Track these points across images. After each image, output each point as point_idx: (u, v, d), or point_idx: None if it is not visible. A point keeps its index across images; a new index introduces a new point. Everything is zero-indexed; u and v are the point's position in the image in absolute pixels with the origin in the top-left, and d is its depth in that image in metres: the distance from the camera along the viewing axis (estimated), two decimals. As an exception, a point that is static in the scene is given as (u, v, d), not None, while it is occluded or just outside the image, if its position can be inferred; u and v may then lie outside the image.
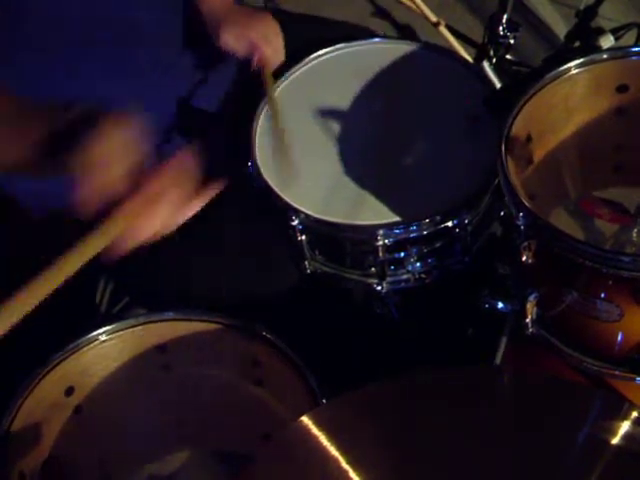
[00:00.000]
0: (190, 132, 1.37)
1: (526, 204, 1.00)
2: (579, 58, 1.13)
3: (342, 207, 1.21)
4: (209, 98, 1.41)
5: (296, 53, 1.41)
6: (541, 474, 0.83)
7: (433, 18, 2.03)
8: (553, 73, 1.12)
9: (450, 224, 1.19)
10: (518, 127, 1.09)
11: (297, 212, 1.21)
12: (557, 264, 1.03)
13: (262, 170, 1.26)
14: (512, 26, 1.24)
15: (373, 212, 1.20)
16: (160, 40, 1.30)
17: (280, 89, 1.38)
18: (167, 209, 0.97)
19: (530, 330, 1.12)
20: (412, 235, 1.19)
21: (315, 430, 0.86)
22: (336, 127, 1.32)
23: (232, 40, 1.34)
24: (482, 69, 1.25)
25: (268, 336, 1.14)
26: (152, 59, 1.28)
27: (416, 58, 1.40)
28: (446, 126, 1.30)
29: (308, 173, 1.27)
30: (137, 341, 1.19)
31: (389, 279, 1.24)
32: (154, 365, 1.22)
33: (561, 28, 2.12)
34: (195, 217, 1.30)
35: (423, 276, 1.25)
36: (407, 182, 1.25)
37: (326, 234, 1.23)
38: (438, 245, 1.22)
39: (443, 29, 2.00)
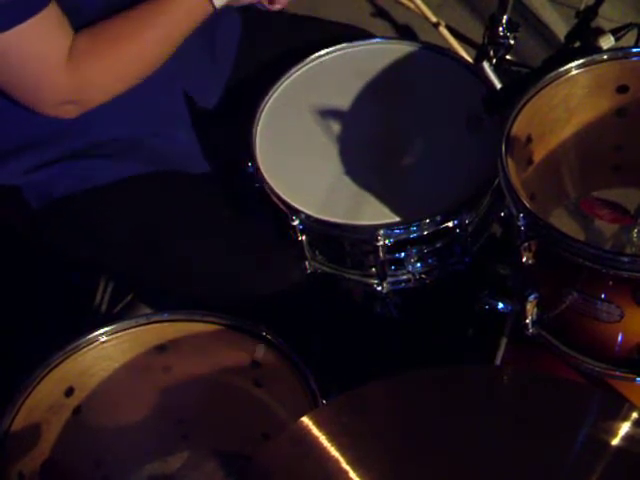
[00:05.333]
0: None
1: (526, 204, 1.00)
2: (579, 59, 1.13)
3: (342, 207, 1.21)
4: (209, 93, 1.42)
5: (296, 53, 1.41)
6: (541, 474, 0.83)
7: (433, 18, 2.03)
8: (553, 74, 1.12)
9: (450, 224, 1.19)
10: (518, 127, 1.09)
11: (297, 212, 1.21)
12: (557, 265, 1.03)
13: (262, 170, 1.26)
14: (512, 26, 1.24)
15: (373, 212, 1.20)
16: None
17: (281, 89, 1.38)
18: None
19: (530, 330, 1.12)
20: (412, 235, 1.19)
21: (315, 431, 0.86)
22: (337, 127, 1.32)
23: None
24: (482, 70, 1.25)
25: (268, 336, 1.14)
26: None
27: (416, 58, 1.40)
28: (446, 126, 1.30)
29: (308, 173, 1.27)
30: (137, 342, 1.19)
31: (389, 279, 1.24)
32: (154, 365, 1.22)
33: (561, 28, 2.12)
34: (195, 217, 1.32)
35: (423, 276, 1.25)
36: (407, 182, 1.25)
37: (326, 234, 1.23)
38: (438, 245, 1.22)
39: (443, 29, 2.00)
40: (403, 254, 1.22)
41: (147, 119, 1.30)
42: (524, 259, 1.04)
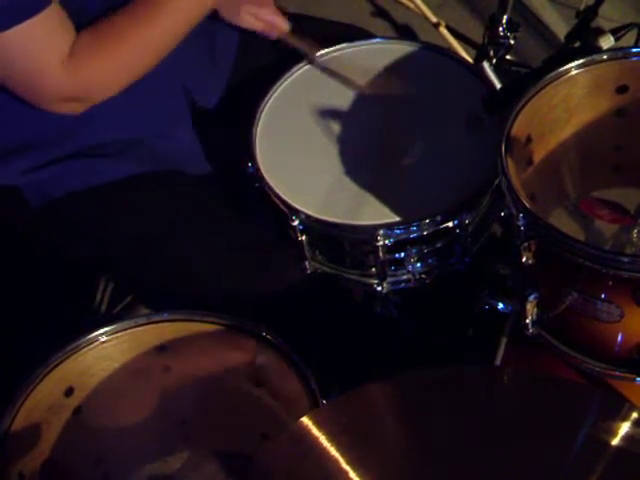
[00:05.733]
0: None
1: (526, 204, 1.00)
2: (579, 59, 1.13)
3: (342, 207, 1.21)
4: (209, 94, 1.42)
5: (296, 53, 1.41)
6: (541, 474, 0.83)
7: (433, 19, 2.03)
8: (553, 74, 1.12)
9: (450, 224, 1.19)
10: (518, 128, 1.09)
11: (297, 212, 1.21)
12: (557, 265, 1.03)
13: (262, 170, 1.26)
14: (512, 26, 1.24)
15: (373, 212, 1.21)
16: None
17: (281, 89, 1.38)
18: None
19: (530, 330, 1.12)
20: (412, 235, 1.19)
21: (315, 431, 0.86)
22: (337, 127, 1.32)
23: (251, 19, 1.37)
24: (482, 70, 1.25)
25: (268, 336, 1.14)
26: None
27: (416, 58, 1.40)
28: (446, 126, 1.30)
29: (308, 173, 1.27)
30: (137, 342, 1.19)
31: (389, 279, 1.24)
32: (154, 365, 1.22)
33: (561, 28, 2.12)
34: (195, 217, 1.32)
35: (423, 276, 1.25)
36: (407, 182, 1.25)
37: (326, 234, 1.23)
38: (438, 245, 1.22)
39: (443, 30, 2.00)
40: (403, 254, 1.22)
41: (148, 120, 1.30)
42: (524, 259, 1.04)
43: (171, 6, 1.20)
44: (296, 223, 1.21)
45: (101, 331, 1.17)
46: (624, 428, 0.83)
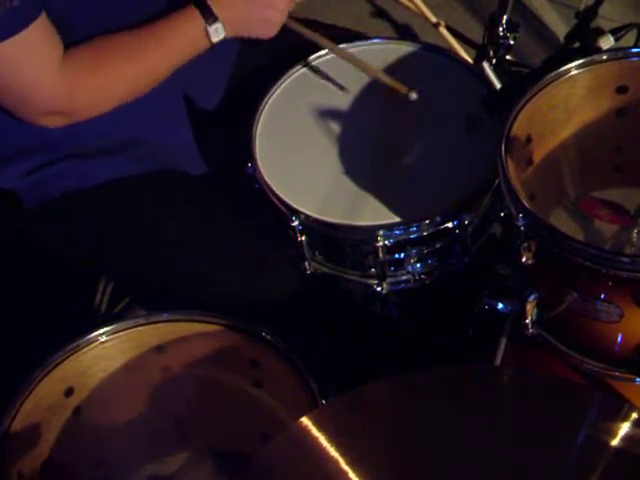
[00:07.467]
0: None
1: (526, 205, 1.01)
2: (579, 59, 1.13)
3: (342, 208, 1.21)
4: (209, 94, 1.42)
5: (296, 53, 1.41)
6: (541, 475, 0.83)
7: (433, 19, 2.03)
8: (553, 74, 1.12)
9: (450, 225, 1.19)
10: (518, 128, 1.09)
11: (297, 212, 1.21)
12: (557, 265, 1.03)
13: (262, 170, 1.26)
14: (512, 27, 1.24)
15: (373, 213, 1.20)
16: None
17: (281, 89, 1.38)
18: None
19: (530, 331, 1.12)
20: (412, 236, 1.19)
21: (315, 431, 0.86)
22: (336, 127, 1.32)
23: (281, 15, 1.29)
24: (482, 70, 1.25)
25: (267, 337, 1.14)
26: None
27: (416, 58, 1.40)
28: (446, 127, 1.30)
29: (308, 173, 1.27)
30: (137, 342, 1.19)
31: (389, 280, 1.24)
32: (154, 366, 1.22)
33: (561, 29, 2.12)
34: (194, 217, 1.32)
35: (423, 277, 1.25)
36: (407, 183, 1.25)
37: (326, 235, 1.23)
38: (438, 246, 1.22)
39: (443, 30, 2.00)
40: (403, 254, 1.22)
41: (145, 119, 1.30)
42: (524, 259, 1.04)
43: (172, 38, 1.22)
44: (296, 223, 1.20)
45: (101, 331, 1.17)
46: (624, 428, 0.83)
